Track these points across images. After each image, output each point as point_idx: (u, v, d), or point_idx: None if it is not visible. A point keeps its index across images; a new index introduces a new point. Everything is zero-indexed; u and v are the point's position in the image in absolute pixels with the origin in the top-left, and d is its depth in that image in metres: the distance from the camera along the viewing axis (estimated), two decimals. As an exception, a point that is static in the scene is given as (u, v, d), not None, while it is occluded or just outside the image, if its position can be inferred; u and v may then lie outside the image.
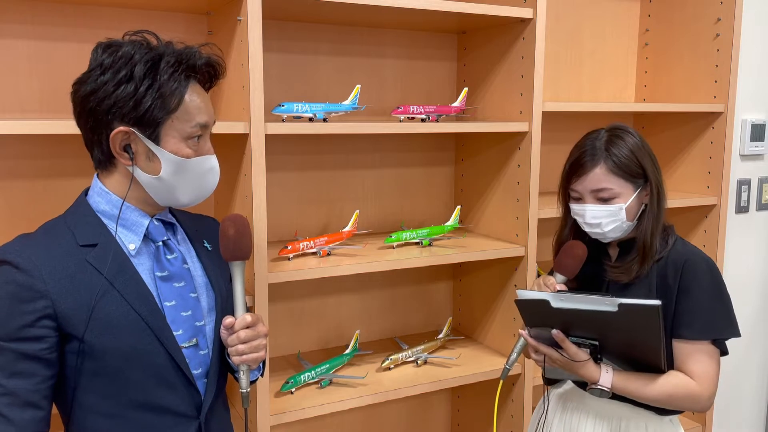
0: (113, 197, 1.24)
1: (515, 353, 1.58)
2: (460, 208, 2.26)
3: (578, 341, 1.49)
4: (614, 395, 1.50)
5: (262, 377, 1.64)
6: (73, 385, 1.20)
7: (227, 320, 1.29)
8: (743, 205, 2.95)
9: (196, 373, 1.29)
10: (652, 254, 1.53)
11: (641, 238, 1.54)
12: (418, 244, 2.11)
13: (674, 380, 1.48)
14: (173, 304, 1.25)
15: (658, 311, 1.37)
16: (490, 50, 2.20)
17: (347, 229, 2.05)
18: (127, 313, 1.19)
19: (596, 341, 1.48)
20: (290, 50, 2.09)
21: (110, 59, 1.18)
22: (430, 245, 2.11)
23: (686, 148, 2.57)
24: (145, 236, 1.26)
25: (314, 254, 1.94)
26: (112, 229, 1.23)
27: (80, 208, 1.26)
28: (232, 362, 1.33)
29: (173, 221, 1.34)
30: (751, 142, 2.89)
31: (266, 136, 1.69)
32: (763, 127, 2.92)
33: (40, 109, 1.78)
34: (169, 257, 1.28)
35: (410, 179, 2.35)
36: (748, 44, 2.79)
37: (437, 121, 2.02)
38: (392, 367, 2.11)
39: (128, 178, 1.23)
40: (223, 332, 1.32)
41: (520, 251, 2.10)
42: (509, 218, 2.16)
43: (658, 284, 1.54)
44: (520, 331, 1.55)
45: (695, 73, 2.50)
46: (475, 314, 2.38)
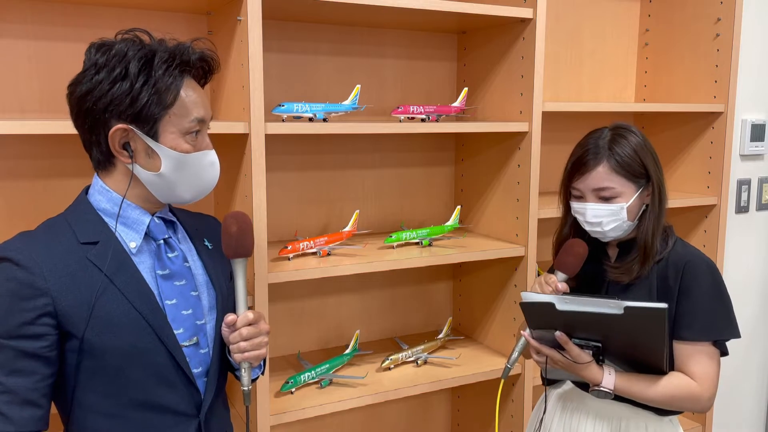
0: (114, 195, 1.24)
1: (516, 352, 1.57)
2: (460, 208, 2.26)
3: (581, 343, 1.48)
4: (614, 396, 1.50)
5: (263, 375, 1.64)
6: (72, 383, 1.20)
7: (229, 317, 1.29)
8: (743, 205, 2.95)
9: (196, 372, 1.28)
10: (653, 255, 1.53)
11: (642, 238, 1.54)
12: (418, 244, 2.11)
13: (675, 381, 1.48)
14: (174, 302, 1.25)
15: (664, 315, 1.37)
16: (490, 50, 2.20)
17: (347, 229, 2.05)
18: (127, 311, 1.19)
19: (599, 343, 1.48)
20: (290, 50, 2.09)
21: (104, 58, 1.18)
22: (430, 245, 2.11)
23: (686, 148, 2.57)
24: (146, 234, 1.26)
25: (314, 254, 1.94)
26: (112, 227, 1.23)
27: (81, 206, 1.26)
28: (233, 360, 1.33)
29: (174, 219, 1.34)
30: (751, 142, 2.89)
31: (266, 136, 1.69)
32: (763, 127, 2.92)
33: (40, 109, 1.78)
34: (170, 255, 1.28)
35: (410, 179, 2.35)
36: (748, 44, 2.79)
37: (437, 121, 2.02)
38: (392, 367, 2.10)
39: (128, 176, 1.23)
40: (224, 330, 1.32)
41: (520, 251, 2.10)
42: (509, 218, 2.16)
43: (658, 285, 1.54)
44: (522, 332, 1.55)
45: (695, 73, 2.50)
46: (475, 314, 2.38)
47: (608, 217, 1.52)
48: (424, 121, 1.99)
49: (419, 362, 2.14)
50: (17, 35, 1.74)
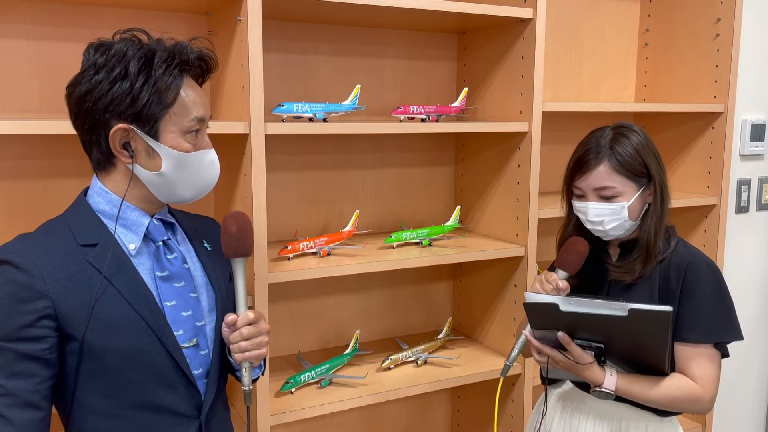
0: (113, 197, 1.24)
1: (516, 350, 1.57)
2: (460, 208, 2.26)
3: (583, 343, 1.48)
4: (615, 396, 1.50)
5: (263, 375, 1.64)
6: (72, 385, 1.20)
7: (229, 317, 1.29)
8: (743, 205, 2.95)
9: (196, 373, 1.28)
10: (655, 254, 1.53)
11: (644, 237, 1.53)
12: (418, 244, 2.11)
13: (677, 383, 1.48)
14: (173, 304, 1.25)
15: (669, 317, 1.36)
16: (490, 50, 2.20)
17: (347, 229, 2.05)
18: (127, 313, 1.19)
19: (601, 344, 1.48)
20: (290, 50, 2.09)
21: (103, 58, 1.17)
22: (430, 245, 2.11)
23: (686, 148, 2.57)
24: (145, 236, 1.26)
25: (314, 254, 1.94)
26: (111, 228, 1.23)
27: (80, 207, 1.25)
28: (233, 360, 1.33)
29: (173, 221, 1.34)
30: (751, 142, 2.89)
31: (266, 136, 1.69)
32: (763, 127, 2.92)
33: (40, 109, 1.78)
34: (169, 257, 1.28)
35: (410, 179, 2.35)
36: (748, 44, 2.79)
37: (437, 121, 2.02)
38: (392, 367, 2.10)
39: (128, 176, 1.23)
40: (224, 329, 1.32)
41: (520, 251, 2.10)
42: (509, 218, 2.16)
43: (660, 286, 1.53)
44: (524, 332, 1.54)
45: (695, 73, 2.50)
46: (475, 314, 2.38)
47: (609, 216, 1.52)
48: (424, 121, 1.99)
49: (419, 362, 2.14)
50: (17, 35, 1.74)
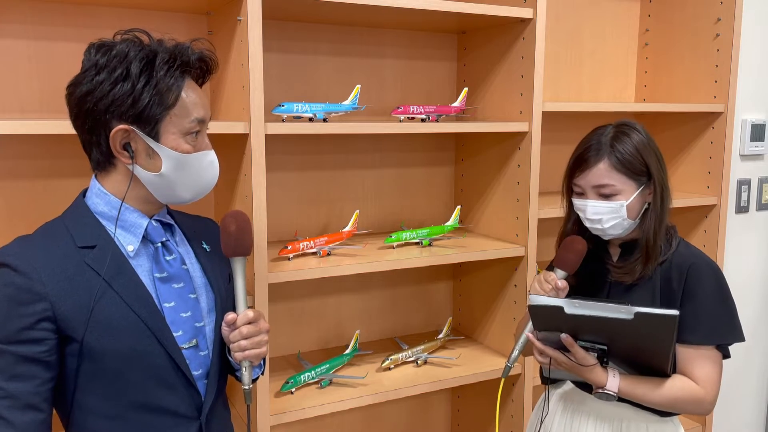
0: (112, 198, 1.24)
1: (517, 350, 1.56)
2: (460, 208, 2.26)
3: (586, 345, 1.47)
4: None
5: (262, 375, 1.64)
6: (72, 386, 1.20)
7: (229, 316, 1.29)
8: (743, 205, 2.95)
9: (196, 374, 1.28)
10: (655, 255, 1.52)
11: (644, 237, 1.53)
12: (418, 244, 2.11)
13: (679, 385, 1.47)
14: (172, 305, 1.25)
15: (675, 321, 1.36)
16: (490, 50, 2.20)
17: (347, 229, 2.05)
18: (126, 314, 1.19)
19: (604, 346, 1.47)
20: (290, 50, 2.09)
21: (104, 59, 1.17)
22: (430, 245, 2.11)
23: (686, 148, 2.57)
24: (143, 237, 1.26)
25: (314, 254, 1.94)
26: (110, 230, 1.23)
27: (78, 209, 1.25)
28: (233, 360, 1.33)
29: (171, 222, 1.34)
30: (751, 142, 2.89)
31: (266, 136, 1.69)
32: (763, 127, 2.91)
33: (40, 109, 1.78)
34: (168, 258, 1.28)
35: (410, 179, 2.35)
36: (748, 44, 2.79)
37: (437, 121, 2.02)
38: (392, 367, 2.10)
39: (128, 177, 1.23)
40: (224, 329, 1.31)
41: (520, 251, 2.10)
42: (509, 218, 2.16)
43: (662, 287, 1.53)
44: (527, 333, 1.53)
45: (695, 73, 2.50)
46: (475, 314, 2.38)
47: (608, 214, 1.51)
48: (424, 121, 1.99)
49: (419, 362, 2.14)
50: (17, 35, 1.74)
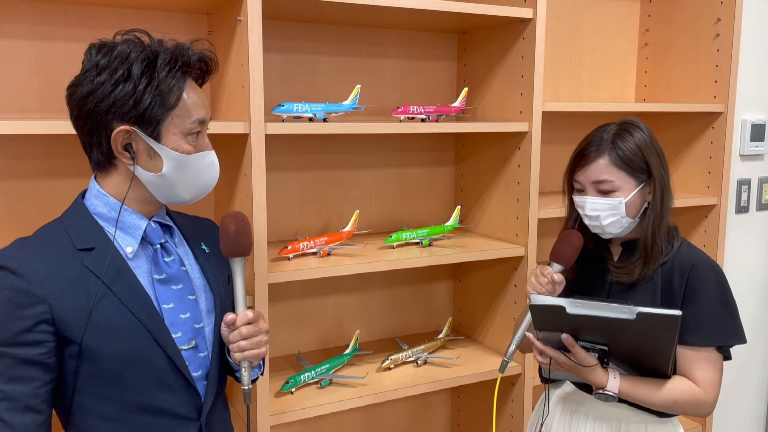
0: (111, 200, 1.24)
1: (513, 345, 1.55)
2: (460, 208, 2.26)
3: (587, 345, 1.47)
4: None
5: (262, 375, 1.64)
6: (72, 388, 1.20)
7: (228, 317, 1.29)
8: (743, 205, 2.95)
9: (195, 375, 1.28)
10: (655, 256, 1.52)
11: (643, 237, 1.52)
12: (418, 244, 2.11)
13: (679, 386, 1.47)
14: (171, 306, 1.25)
15: (678, 322, 1.35)
16: (490, 50, 2.20)
17: (347, 229, 2.05)
18: (125, 316, 1.19)
19: (605, 346, 1.47)
20: (290, 50, 2.09)
21: (105, 59, 1.17)
22: (430, 245, 2.11)
23: (686, 148, 2.57)
24: (142, 239, 1.26)
25: (314, 254, 1.94)
26: (109, 232, 1.23)
27: (77, 210, 1.25)
28: (232, 360, 1.33)
29: (170, 224, 1.34)
30: (751, 142, 2.89)
31: (266, 136, 1.69)
32: (763, 127, 2.91)
33: (39, 109, 1.78)
34: (166, 260, 1.28)
35: (410, 179, 2.35)
36: (748, 44, 2.79)
37: (437, 121, 2.02)
38: (392, 367, 2.10)
39: (128, 177, 1.23)
40: (223, 329, 1.32)
41: (520, 251, 2.10)
42: (509, 218, 2.16)
43: (663, 288, 1.52)
44: (527, 333, 1.53)
45: (695, 73, 2.50)
46: (475, 314, 2.38)
47: (606, 211, 1.51)
48: (424, 121, 1.99)
49: (419, 362, 2.14)
50: (17, 35, 1.74)
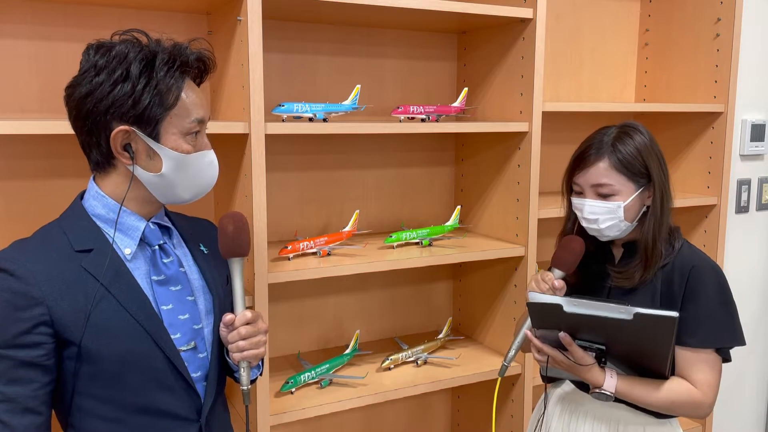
0: (109, 201, 1.24)
1: (513, 350, 1.56)
2: (460, 208, 2.26)
3: (584, 344, 1.47)
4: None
5: (261, 376, 1.64)
6: (71, 389, 1.20)
7: (227, 317, 1.29)
8: (743, 205, 2.95)
9: (195, 376, 1.28)
10: (655, 260, 1.51)
11: (643, 241, 1.52)
12: (418, 244, 2.11)
13: (677, 387, 1.47)
14: (170, 307, 1.25)
15: (674, 323, 1.35)
16: (490, 50, 2.20)
17: (347, 229, 2.05)
18: (123, 318, 1.19)
19: (603, 345, 1.47)
20: (290, 50, 2.09)
21: (104, 60, 1.17)
22: (430, 245, 2.11)
23: (686, 148, 2.57)
24: (141, 240, 1.26)
25: (314, 254, 1.94)
26: (107, 233, 1.23)
27: (75, 212, 1.25)
28: (231, 361, 1.33)
29: (169, 225, 1.34)
30: (751, 142, 2.89)
31: (266, 136, 1.69)
32: (763, 127, 2.91)
33: (39, 109, 1.78)
34: (165, 261, 1.28)
35: (410, 179, 2.35)
36: (748, 44, 2.79)
37: (437, 121, 2.02)
38: (392, 367, 2.10)
39: (127, 177, 1.23)
40: (222, 330, 1.32)
41: (520, 251, 2.10)
42: (509, 218, 2.16)
43: (663, 291, 1.52)
44: (525, 331, 1.53)
45: (695, 73, 2.50)
46: (475, 314, 2.38)
47: (605, 214, 1.51)
48: (424, 121, 1.99)
49: (419, 362, 2.14)
50: (17, 35, 1.74)
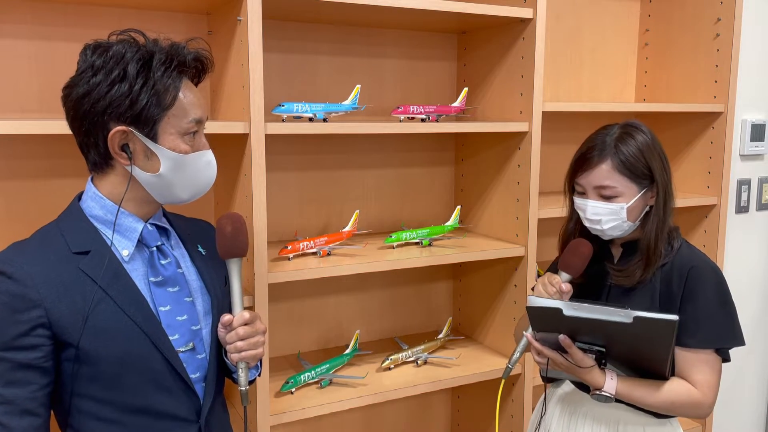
0: (107, 202, 1.24)
1: (518, 352, 1.55)
2: (460, 208, 2.26)
3: (584, 347, 1.47)
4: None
5: (259, 376, 1.64)
6: (69, 391, 1.20)
7: (225, 318, 1.29)
8: (743, 205, 2.95)
9: (194, 377, 1.28)
10: (656, 259, 1.51)
11: (645, 241, 1.52)
12: (418, 244, 2.11)
13: (677, 388, 1.47)
14: (168, 308, 1.25)
15: (674, 326, 1.35)
16: (490, 50, 2.20)
17: (347, 229, 2.05)
18: (121, 320, 1.19)
19: (603, 347, 1.46)
20: (290, 50, 2.09)
21: (101, 60, 1.17)
22: (430, 245, 2.11)
23: (686, 148, 2.57)
24: (138, 241, 1.25)
25: (314, 254, 1.94)
26: (104, 234, 1.23)
27: (73, 213, 1.25)
28: (229, 361, 1.33)
29: (167, 226, 1.34)
30: (751, 142, 2.89)
31: (266, 136, 1.69)
32: (763, 127, 2.91)
33: (39, 109, 1.78)
34: (163, 262, 1.28)
35: (410, 179, 2.35)
36: (748, 44, 2.79)
37: (437, 121, 2.02)
38: (392, 367, 2.10)
39: (125, 178, 1.22)
40: (220, 330, 1.31)
41: (520, 251, 2.10)
42: (509, 218, 2.16)
43: (662, 291, 1.52)
44: (525, 333, 1.53)
45: (695, 73, 2.50)
46: (475, 314, 2.38)
47: (608, 216, 1.51)
48: (424, 121, 1.99)
49: (419, 362, 2.14)
50: (17, 35, 1.74)
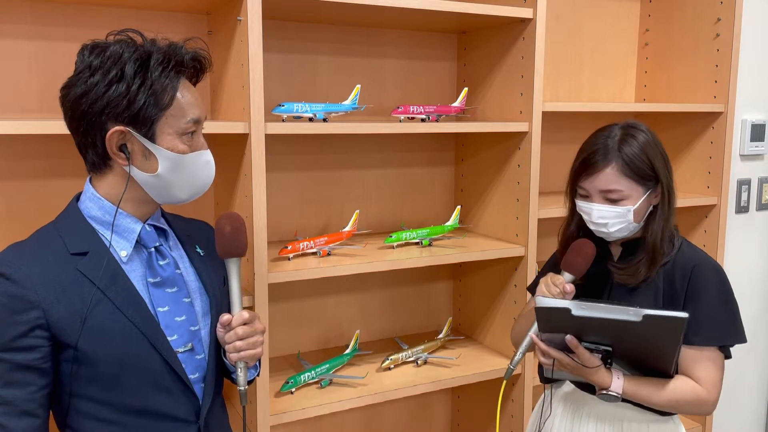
0: (105, 203, 1.24)
1: (520, 353, 1.55)
2: (460, 208, 2.26)
3: (590, 346, 1.46)
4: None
5: (258, 377, 1.64)
6: (68, 391, 1.20)
7: (224, 317, 1.28)
8: (743, 205, 2.95)
9: (193, 377, 1.28)
10: (660, 258, 1.51)
11: (650, 240, 1.52)
12: (418, 244, 2.11)
13: (682, 386, 1.47)
14: (167, 309, 1.25)
15: (683, 323, 1.35)
16: (490, 50, 2.20)
17: (347, 229, 2.05)
18: (119, 321, 1.19)
19: (609, 347, 1.46)
20: (290, 50, 2.09)
21: (98, 60, 1.17)
22: (430, 245, 2.11)
23: (686, 148, 2.57)
24: (136, 242, 1.25)
25: (314, 254, 1.94)
26: (103, 235, 1.23)
27: (71, 214, 1.25)
28: (228, 361, 1.33)
29: (165, 227, 1.34)
30: (751, 142, 2.89)
31: (266, 136, 1.69)
32: (763, 127, 2.91)
33: (39, 109, 1.78)
34: (161, 263, 1.27)
35: (410, 179, 2.35)
36: (748, 44, 2.79)
37: (437, 121, 2.02)
38: (392, 367, 2.10)
39: (124, 178, 1.22)
40: (219, 330, 1.31)
41: (520, 251, 2.10)
42: (509, 218, 2.16)
43: (665, 289, 1.52)
44: (530, 334, 1.52)
45: (695, 73, 2.50)
46: (475, 314, 2.38)
47: (614, 219, 1.50)
48: (424, 121, 1.99)
49: (419, 362, 2.14)
50: (17, 35, 1.74)
